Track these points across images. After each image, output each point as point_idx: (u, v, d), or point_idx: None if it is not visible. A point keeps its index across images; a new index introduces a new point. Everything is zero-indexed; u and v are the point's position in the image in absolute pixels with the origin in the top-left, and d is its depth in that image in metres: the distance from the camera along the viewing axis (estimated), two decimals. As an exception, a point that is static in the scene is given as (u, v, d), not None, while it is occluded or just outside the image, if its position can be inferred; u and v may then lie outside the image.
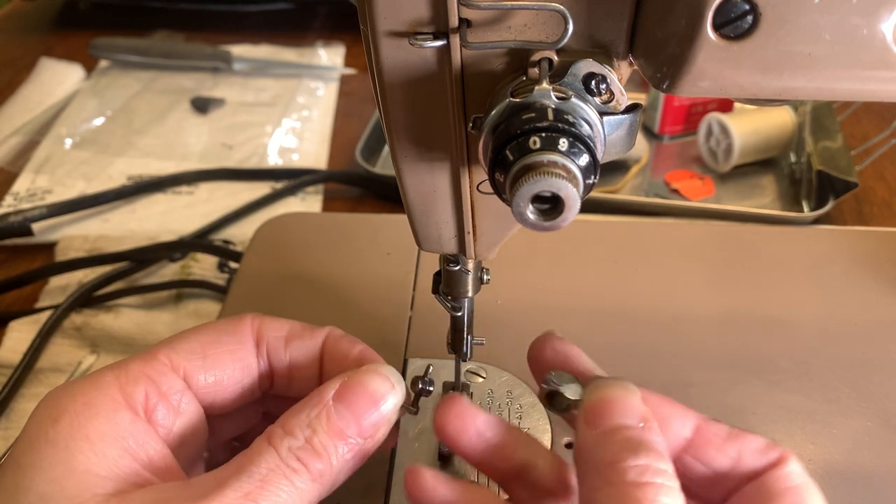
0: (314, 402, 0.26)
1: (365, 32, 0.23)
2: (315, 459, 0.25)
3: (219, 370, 0.28)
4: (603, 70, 0.22)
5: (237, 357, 0.29)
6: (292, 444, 0.25)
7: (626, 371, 0.40)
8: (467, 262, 0.32)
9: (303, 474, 0.24)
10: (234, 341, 0.29)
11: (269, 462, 0.24)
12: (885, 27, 0.19)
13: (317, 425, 0.25)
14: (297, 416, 0.26)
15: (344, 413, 0.26)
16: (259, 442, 0.25)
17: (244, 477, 0.23)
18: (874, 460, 0.35)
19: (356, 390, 0.27)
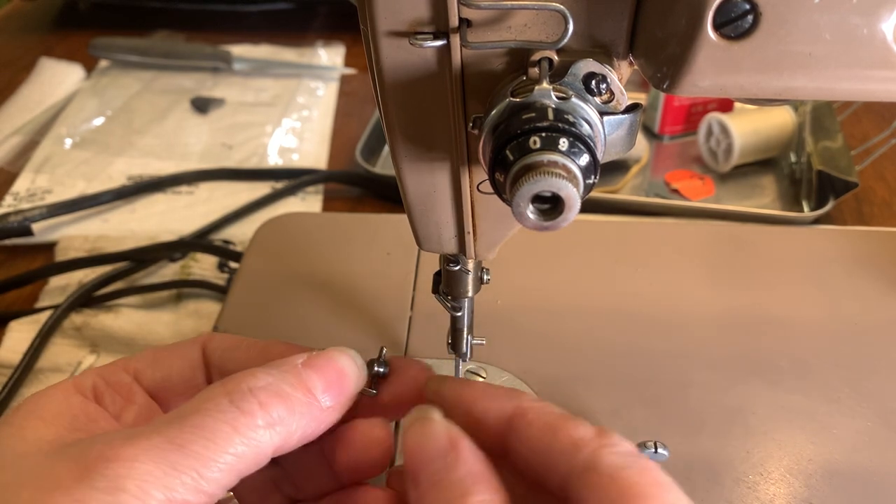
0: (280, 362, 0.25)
1: (365, 32, 0.23)
2: (276, 400, 0.23)
3: (166, 367, 0.29)
4: (603, 70, 0.22)
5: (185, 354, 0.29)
6: (252, 383, 0.23)
7: (627, 371, 0.40)
8: (467, 262, 0.32)
9: (254, 416, 0.22)
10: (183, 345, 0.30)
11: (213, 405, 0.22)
12: (885, 27, 0.19)
13: (283, 376, 0.24)
14: (264, 369, 0.24)
15: (312, 375, 0.25)
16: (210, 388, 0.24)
17: (178, 422, 0.22)
18: (874, 460, 0.35)
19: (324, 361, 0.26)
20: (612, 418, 0.37)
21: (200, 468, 0.21)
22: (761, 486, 0.34)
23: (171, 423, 0.22)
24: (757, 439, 0.36)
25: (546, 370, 0.40)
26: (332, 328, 0.43)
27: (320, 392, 0.25)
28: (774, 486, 0.34)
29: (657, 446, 0.33)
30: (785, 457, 0.35)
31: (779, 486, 0.34)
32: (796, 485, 0.34)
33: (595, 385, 0.39)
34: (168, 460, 0.21)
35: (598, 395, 0.38)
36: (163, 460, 0.21)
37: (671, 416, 0.37)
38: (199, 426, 0.22)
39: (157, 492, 0.21)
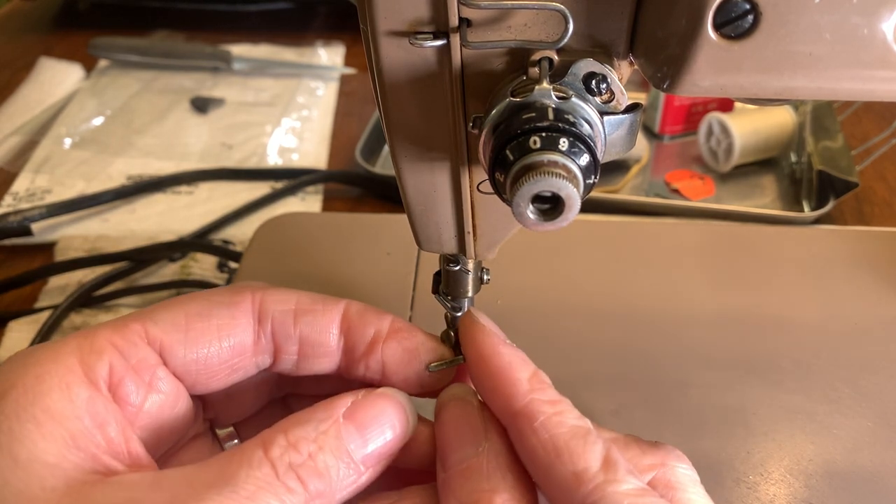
0: (322, 415, 0.23)
1: (365, 32, 0.23)
2: (316, 479, 0.22)
3: (202, 347, 0.25)
4: (603, 70, 0.22)
5: (227, 333, 0.25)
6: (294, 459, 0.22)
7: (627, 371, 0.40)
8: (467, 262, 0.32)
9: (297, 494, 0.21)
10: (227, 315, 0.25)
11: (260, 476, 0.21)
12: (885, 26, 0.19)
13: (324, 441, 0.22)
14: (302, 426, 0.23)
15: (354, 435, 0.23)
16: (252, 448, 0.22)
17: (227, 490, 0.20)
18: (874, 460, 0.35)
19: (369, 413, 0.24)
20: (612, 418, 0.37)
21: None
22: (762, 487, 0.34)
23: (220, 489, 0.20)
24: (757, 439, 0.36)
25: (546, 370, 0.40)
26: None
27: (363, 459, 0.23)
28: (775, 486, 0.34)
29: (657, 446, 0.33)
30: (785, 457, 0.35)
31: (779, 486, 0.34)
32: (796, 485, 0.34)
33: (595, 385, 0.39)
34: None
35: (598, 395, 0.38)
36: None
37: (671, 417, 0.37)
38: (251, 498, 0.20)
39: None
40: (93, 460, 0.21)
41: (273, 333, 0.26)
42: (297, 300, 0.26)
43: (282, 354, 0.27)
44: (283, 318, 0.26)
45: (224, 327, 0.25)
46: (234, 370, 0.26)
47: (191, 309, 0.25)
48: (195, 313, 0.25)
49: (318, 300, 0.27)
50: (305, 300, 0.27)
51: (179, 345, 0.24)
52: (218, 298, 0.26)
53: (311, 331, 0.26)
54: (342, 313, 0.27)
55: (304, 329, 0.26)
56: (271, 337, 0.26)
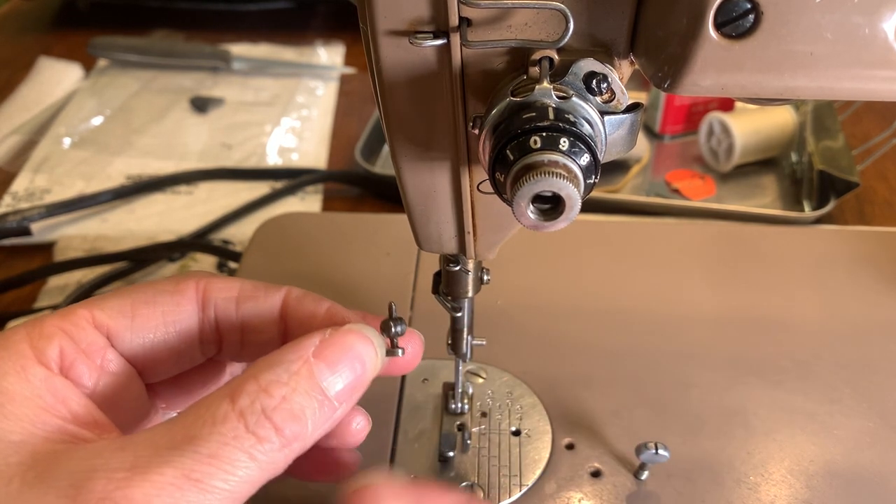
0: (292, 356, 0.23)
1: (365, 31, 0.23)
2: (292, 422, 0.21)
3: (149, 332, 0.25)
4: (604, 69, 0.22)
5: (172, 319, 0.26)
6: (266, 403, 0.21)
7: (627, 371, 0.40)
8: (467, 262, 0.32)
9: (271, 442, 0.21)
10: (171, 302, 0.26)
11: (226, 430, 0.20)
12: (886, 26, 0.19)
13: (297, 382, 0.22)
14: (272, 369, 0.22)
15: (326, 372, 0.23)
16: (217, 400, 0.21)
17: (189, 450, 0.20)
18: (875, 460, 0.35)
19: (339, 348, 0.23)
20: (613, 419, 0.37)
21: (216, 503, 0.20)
22: (762, 487, 0.34)
23: (183, 450, 0.20)
24: (758, 440, 0.36)
25: (546, 370, 0.40)
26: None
27: (337, 394, 0.23)
28: (775, 486, 0.34)
29: (658, 447, 0.33)
30: (786, 457, 0.35)
31: (780, 486, 0.34)
32: (797, 485, 0.34)
33: (595, 385, 0.39)
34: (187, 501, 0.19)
35: (598, 395, 0.38)
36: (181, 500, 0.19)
37: (672, 417, 0.37)
38: (215, 456, 0.20)
39: None
40: (61, 431, 0.21)
41: (217, 320, 0.27)
42: (239, 288, 0.27)
43: (226, 341, 0.27)
44: (225, 305, 0.27)
45: (169, 313, 0.26)
46: (180, 356, 0.26)
47: (137, 297, 0.25)
48: (141, 301, 0.25)
49: (259, 287, 0.27)
50: (248, 287, 0.27)
51: (126, 330, 0.25)
52: (163, 287, 0.26)
53: (252, 316, 0.27)
54: (282, 299, 0.27)
55: (246, 315, 0.27)
56: (215, 324, 0.27)
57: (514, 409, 0.37)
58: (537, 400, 0.38)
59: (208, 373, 0.30)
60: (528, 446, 0.35)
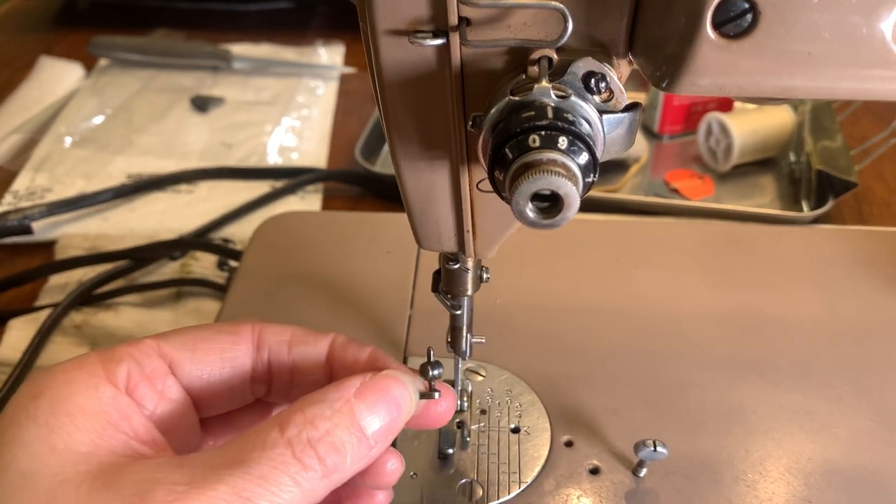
0: (335, 395, 0.25)
1: (365, 31, 0.23)
2: (333, 453, 0.23)
3: (207, 366, 0.27)
4: (602, 68, 0.22)
5: (229, 356, 0.28)
6: (311, 434, 0.23)
7: (627, 370, 0.40)
8: (467, 260, 0.32)
9: (314, 471, 0.23)
10: (229, 341, 0.28)
11: (275, 455, 0.22)
12: (884, 26, 0.19)
13: (339, 419, 0.24)
14: (317, 405, 0.24)
15: (365, 412, 0.25)
16: (267, 429, 0.23)
17: (241, 470, 0.21)
18: (874, 460, 0.35)
19: (378, 392, 0.26)
20: (612, 418, 0.37)
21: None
22: (760, 485, 0.34)
23: (233, 470, 0.21)
24: (756, 438, 0.36)
25: (545, 369, 0.40)
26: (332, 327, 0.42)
27: (374, 434, 0.25)
28: (774, 484, 0.34)
29: (656, 445, 0.33)
30: (784, 456, 0.36)
31: (778, 484, 0.34)
32: (795, 484, 0.34)
33: (595, 384, 0.39)
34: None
35: (597, 394, 0.38)
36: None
37: (671, 416, 0.37)
38: (264, 477, 0.22)
39: None
40: (124, 446, 0.23)
41: (269, 361, 0.29)
42: (291, 332, 0.29)
43: (276, 382, 0.29)
44: (278, 348, 0.29)
45: (227, 350, 0.28)
46: (233, 392, 0.28)
47: (198, 333, 0.28)
48: (201, 337, 0.28)
49: (310, 333, 0.30)
50: (299, 332, 0.30)
51: (187, 361, 0.27)
52: (221, 327, 0.28)
53: (302, 360, 0.29)
54: (330, 344, 0.30)
55: (297, 358, 0.29)
56: (267, 364, 0.29)
57: (513, 406, 0.37)
58: (536, 397, 0.38)
59: (256, 413, 0.32)
60: (528, 443, 0.36)
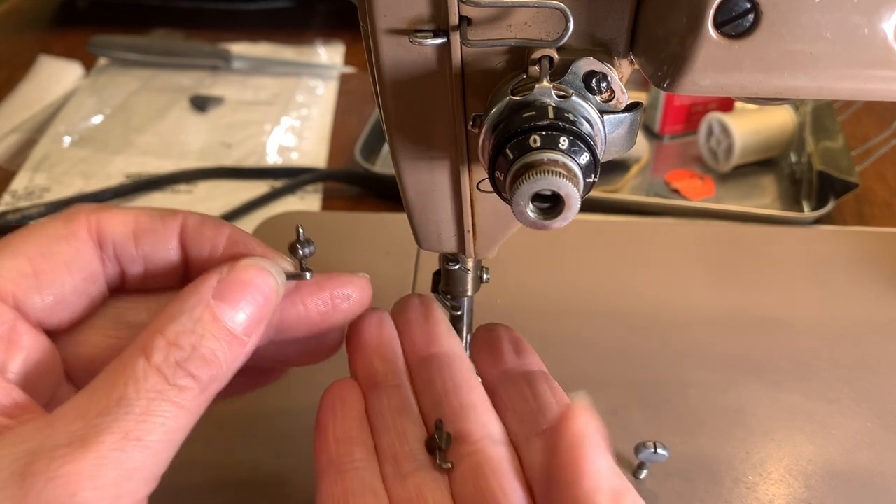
0: (192, 302, 0.23)
1: (365, 30, 0.23)
2: (205, 367, 0.22)
3: (56, 287, 0.24)
4: (604, 68, 0.22)
5: (76, 266, 0.24)
6: (178, 356, 0.22)
7: (626, 371, 0.40)
8: (467, 261, 0.32)
9: (192, 389, 0.22)
10: (69, 249, 0.24)
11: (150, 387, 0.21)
12: (886, 26, 0.19)
13: (202, 329, 0.22)
14: (176, 320, 0.22)
15: (228, 311, 0.23)
16: (133, 358, 0.21)
17: (122, 413, 0.20)
18: (874, 460, 0.35)
19: (238, 286, 0.24)
20: (611, 418, 0.37)
21: (158, 455, 0.21)
22: (761, 487, 0.34)
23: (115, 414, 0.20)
24: (756, 440, 0.36)
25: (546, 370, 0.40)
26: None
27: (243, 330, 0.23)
28: (774, 486, 0.34)
29: (656, 446, 0.33)
30: (784, 457, 0.35)
31: (778, 486, 0.34)
32: (795, 485, 0.34)
33: (594, 384, 0.39)
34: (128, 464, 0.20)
35: (596, 394, 0.38)
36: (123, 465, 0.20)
37: (671, 417, 0.37)
38: (146, 412, 0.20)
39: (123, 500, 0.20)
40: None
41: (116, 256, 0.26)
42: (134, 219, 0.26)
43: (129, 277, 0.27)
44: (123, 241, 0.26)
45: (71, 261, 0.24)
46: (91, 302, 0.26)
47: (30, 251, 0.24)
48: (37, 254, 0.24)
49: (156, 218, 0.26)
50: (143, 219, 0.26)
51: (33, 291, 0.23)
52: (53, 231, 0.24)
53: (153, 251, 0.26)
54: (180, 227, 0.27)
55: (147, 250, 0.26)
56: (115, 260, 0.26)
57: (513, 408, 0.37)
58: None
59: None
60: (527, 445, 0.35)
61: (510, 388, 0.29)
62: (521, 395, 0.29)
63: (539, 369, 0.30)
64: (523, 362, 0.31)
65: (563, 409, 0.22)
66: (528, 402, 0.28)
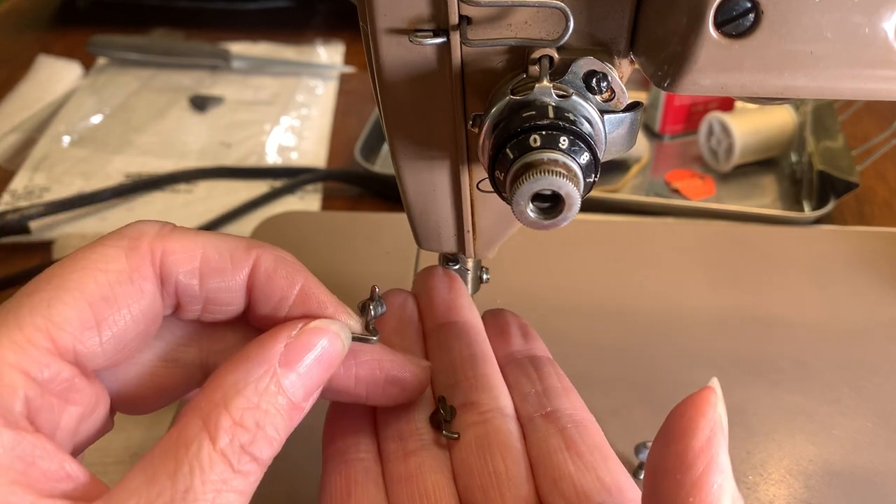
0: (258, 371, 0.22)
1: (364, 30, 0.23)
2: (268, 447, 0.21)
3: (119, 337, 0.22)
4: (604, 68, 0.22)
5: (139, 311, 0.22)
6: (244, 438, 0.21)
7: (627, 371, 0.40)
8: (467, 260, 0.32)
9: (253, 474, 0.21)
10: (134, 290, 0.22)
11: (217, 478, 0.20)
12: (886, 25, 0.19)
13: (267, 403, 0.21)
14: (241, 394, 0.21)
15: (295, 383, 0.22)
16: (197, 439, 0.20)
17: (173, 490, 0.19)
18: (874, 461, 0.35)
19: (306, 352, 0.23)
20: (612, 418, 0.37)
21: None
22: (761, 487, 0.34)
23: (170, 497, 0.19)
24: (757, 440, 0.36)
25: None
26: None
27: (303, 397, 0.22)
28: (774, 486, 0.34)
29: (657, 447, 0.33)
30: (785, 457, 0.35)
31: (779, 486, 0.34)
32: (796, 485, 0.34)
33: (594, 384, 0.39)
34: None
35: (597, 394, 0.38)
36: None
37: (671, 417, 0.37)
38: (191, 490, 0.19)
39: None
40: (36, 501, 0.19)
41: (177, 294, 0.24)
42: (202, 255, 0.24)
43: (185, 309, 0.25)
44: (188, 281, 0.24)
45: (134, 306, 0.22)
46: (147, 337, 0.24)
47: (91, 294, 0.21)
48: (99, 298, 0.21)
49: (225, 255, 0.24)
50: (211, 255, 0.24)
51: (95, 344, 0.21)
52: (115, 268, 0.22)
53: (217, 292, 0.24)
54: (250, 271, 0.25)
55: (211, 291, 0.24)
56: (175, 295, 0.24)
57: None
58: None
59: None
60: (527, 445, 0.35)
61: (516, 369, 0.30)
62: (527, 377, 0.29)
63: (545, 355, 0.31)
64: (530, 347, 0.31)
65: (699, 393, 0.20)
66: (533, 384, 0.29)
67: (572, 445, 0.26)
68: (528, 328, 0.33)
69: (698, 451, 0.19)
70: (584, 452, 0.25)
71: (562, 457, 0.25)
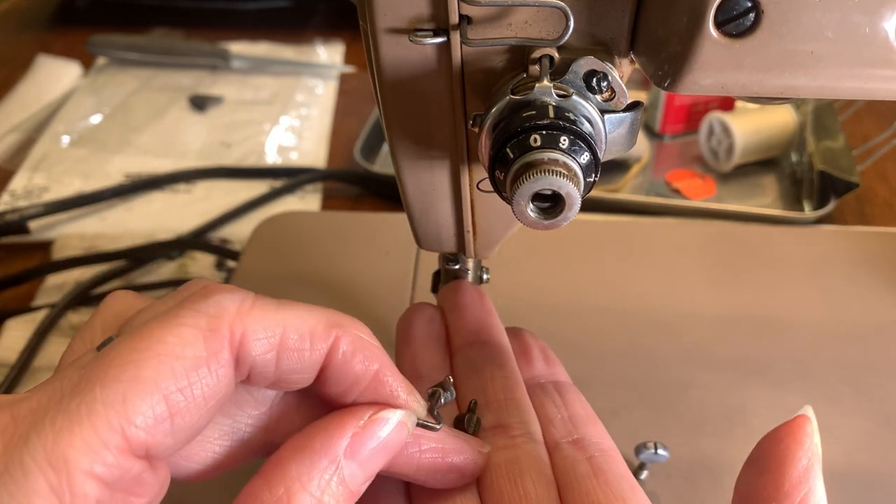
0: (324, 461, 0.22)
1: (364, 29, 0.23)
2: None
3: (192, 429, 0.21)
4: (604, 67, 0.22)
5: (213, 400, 0.21)
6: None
7: (627, 371, 0.40)
8: (467, 261, 0.32)
9: None
10: (210, 379, 0.21)
11: None
12: (887, 25, 0.19)
13: (329, 497, 0.22)
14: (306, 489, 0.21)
15: (357, 474, 0.23)
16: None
17: None
18: (874, 461, 0.35)
19: (371, 441, 0.23)
20: (613, 418, 0.37)
21: None
22: (761, 488, 0.34)
23: None
24: (757, 440, 0.36)
25: (545, 370, 0.40)
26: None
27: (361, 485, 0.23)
28: (775, 487, 0.34)
29: (657, 447, 0.33)
30: (785, 458, 0.35)
31: (779, 487, 0.34)
32: (797, 486, 0.34)
33: (595, 385, 0.39)
34: None
35: (598, 395, 0.38)
36: None
37: (671, 417, 0.37)
38: None
39: None
40: None
41: (250, 374, 0.23)
42: (282, 335, 0.22)
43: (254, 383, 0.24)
44: (264, 362, 0.22)
45: (210, 396, 0.21)
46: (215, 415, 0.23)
47: (166, 385, 0.20)
48: (175, 388, 0.20)
49: (305, 335, 0.23)
50: (292, 336, 0.23)
51: (167, 437, 0.20)
52: (193, 353, 0.21)
53: (290, 370, 0.23)
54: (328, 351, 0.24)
55: (284, 369, 0.23)
56: (247, 372, 0.23)
57: (513, 408, 0.37)
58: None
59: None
60: (527, 446, 0.35)
61: (541, 393, 0.29)
62: (552, 402, 0.29)
63: (567, 381, 0.31)
64: (552, 371, 0.31)
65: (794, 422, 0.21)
66: (559, 410, 0.28)
67: (600, 473, 0.25)
68: (548, 350, 0.32)
69: (796, 482, 0.20)
70: (612, 481, 0.25)
71: (591, 484, 0.25)
